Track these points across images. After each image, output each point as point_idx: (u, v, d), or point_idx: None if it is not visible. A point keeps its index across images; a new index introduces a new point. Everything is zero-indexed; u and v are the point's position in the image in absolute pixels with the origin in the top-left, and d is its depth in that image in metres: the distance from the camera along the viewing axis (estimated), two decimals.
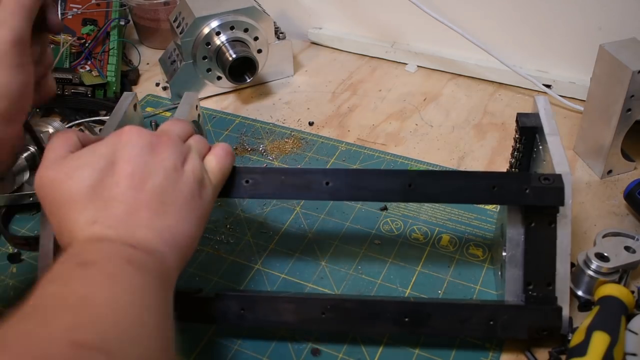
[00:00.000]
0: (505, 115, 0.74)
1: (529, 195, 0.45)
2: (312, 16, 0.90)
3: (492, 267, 0.55)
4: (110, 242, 0.37)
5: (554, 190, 0.45)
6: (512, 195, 0.46)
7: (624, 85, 0.57)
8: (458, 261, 0.55)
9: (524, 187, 0.45)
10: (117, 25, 0.83)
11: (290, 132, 0.73)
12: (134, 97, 0.59)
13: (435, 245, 0.57)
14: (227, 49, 0.74)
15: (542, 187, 0.45)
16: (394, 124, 0.74)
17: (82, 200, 0.38)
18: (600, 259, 0.50)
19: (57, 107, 0.76)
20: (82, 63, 0.77)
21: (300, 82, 0.83)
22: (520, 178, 0.47)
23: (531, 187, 0.45)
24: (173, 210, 0.40)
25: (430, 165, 0.66)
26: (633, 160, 0.64)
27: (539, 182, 0.45)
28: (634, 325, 0.46)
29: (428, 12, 0.76)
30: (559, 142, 0.49)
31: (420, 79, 0.83)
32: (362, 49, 0.88)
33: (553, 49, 0.76)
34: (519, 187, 0.46)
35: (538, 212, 0.46)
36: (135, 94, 0.61)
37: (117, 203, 0.38)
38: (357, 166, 0.67)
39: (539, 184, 0.45)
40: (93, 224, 0.37)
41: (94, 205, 0.38)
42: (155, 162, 0.40)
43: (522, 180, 0.46)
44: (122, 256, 0.36)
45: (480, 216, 0.60)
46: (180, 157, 0.42)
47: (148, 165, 0.40)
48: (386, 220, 0.60)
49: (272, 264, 0.56)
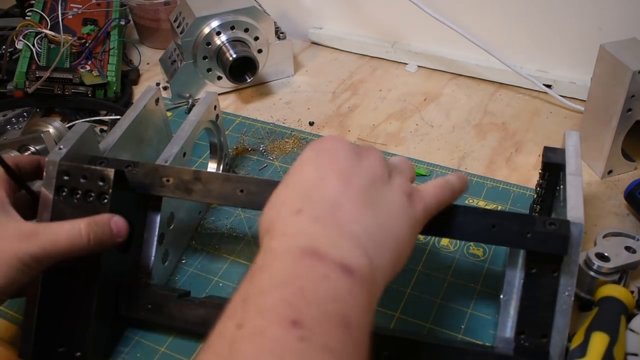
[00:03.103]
0: (505, 116, 0.74)
1: (531, 240, 0.42)
2: (312, 16, 0.90)
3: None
4: (319, 263, 0.33)
5: (558, 237, 0.41)
6: (512, 237, 0.42)
7: (624, 85, 0.57)
8: (459, 261, 0.55)
9: (525, 231, 0.42)
10: (117, 25, 0.83)
11: (290, 132, 0.72)
12: (156, 92, 0.59)
13: (435, 244, 0.57)
14: (228, 49, 0.74)
15: (545, 233, 0.41)
16: (395, 124, 0.74)
17: (284, 190, 0.38)
18: (600, 259, 0.50)
19: (58, 107, 0.76)
20: (82, 63, 0.77)
21: (300, 82, 0.83)
22: (523, 219, 0.43)
23: (533, 231, 0.42)
24: (383, 210, 0.37)
25: (431, 166, 0.66)
26: (633, 161, 0.64)
27: (543, 227, 0.42)
28: (634, 325, 0.46)
29: (428, 12, 0.76)
30: (580, 185, 0.45)
31: (420, 79, 0.83)
32: (362, 49, 0.88)
33: (553, 49, 0.76)
34: (521, 229, 0.42)
35: (541, 259, 0.42)
36: (158, 88, 0.61)
37: (323, 196, 0.36)
38: None
39: (542, 229, 0.42)
40: (298, 213, 0.35)
41: (298, 194, 0.37)
42: (361, 166, 0.39)
43: (524, 223, 0.42)
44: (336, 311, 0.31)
45: None
46: (386, 169, 0.40)
47: (354, 167, 0.38)
48: None
49: None
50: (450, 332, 0.49)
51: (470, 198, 0.61)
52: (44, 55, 0.76)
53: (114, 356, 0.49)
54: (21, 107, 0.76)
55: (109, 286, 0.48)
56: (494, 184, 0.63)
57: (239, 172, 0.67)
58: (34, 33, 0.78)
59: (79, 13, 0.84)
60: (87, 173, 0.47)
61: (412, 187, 0.41)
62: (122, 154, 0.55)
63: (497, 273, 0.54)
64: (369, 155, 0.40)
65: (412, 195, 0.40)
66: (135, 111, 0.57)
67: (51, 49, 0.77)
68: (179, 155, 0.54)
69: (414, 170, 0.44)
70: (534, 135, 0.71)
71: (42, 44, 0.77)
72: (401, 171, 0.41)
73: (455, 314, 0.51)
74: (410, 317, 0.50)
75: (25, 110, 0.77)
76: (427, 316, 0.51)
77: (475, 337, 0.49)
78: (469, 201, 0.61)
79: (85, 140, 0.50)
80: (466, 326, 0.50)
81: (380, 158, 0.40)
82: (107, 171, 0.46)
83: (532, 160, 0.67)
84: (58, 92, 0.74)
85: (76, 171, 0.47)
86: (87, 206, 0.46)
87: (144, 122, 0.59)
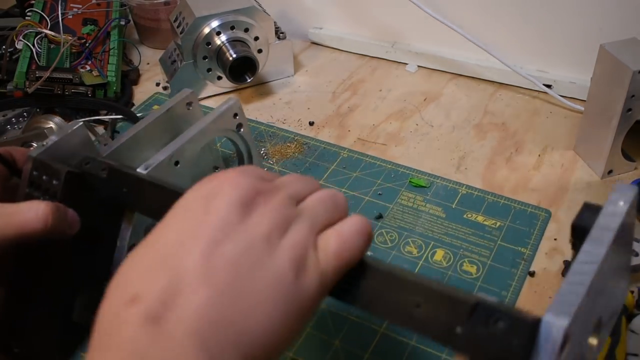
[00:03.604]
0: (505, 115, 0.74)
1: (460, 339, 0.28)
2: (312, 16, 0.90)
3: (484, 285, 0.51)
4: None
5: (505, 345, 0.26)
6: (436, 328, 0.29)
7: (624, 85, 0.57)
8: (450, 277, 0.54)
9: (454, 323, 0.28)
10: (117, 25, 0.83)
11: (293, 137, 0.72)
12: (188, 95, 0.54)
13: (428, 259, 0.55)
14: (228, 49, 0.74)
15: (482, 334, 0.27)
16: (394, 124, 0.74)
17: (137, 254, 0.31)
18: None
19: (58, 107, 0.76)
20: (82, 63, 0.77)
21: (300, 82, 0.83)
22: (459, 304, 0.29)
23: (466, 326, 0.28)
24: (248, 292, 0.28)
25: (431, 177, 0.65)
26: (633, 161, 0.64)
27: (484, 322, 0.27)
28: (635, 326, 0.46)
29: (428, 12, 0.76)
30: (590, 275, 0.28)
31: (420, 79, 0.83)
32: (362, 49, 0.88)
33: (553, 48, 0.76)
34: (448, 320, 0.29)
35: None
36: (192, 91, 0.56)
37: (172, 271, 0.29)
38: (357, 174, 0.66)
39: (481, 326, 0.27)
40: (131, 304, 0.28)
41: (146, 266, 0.30)
42: (244, 224, 0.30)
43: (458, 310, 0.28)
44: None
45: (477, 231, 0.58)
46: (282, 224, 0.31)
47: (232, 226, 0.30)
48: (381, 231, 0.59)
49: None
50: (434, 351, 0.48)
51: (469, 212, 0.60)
52: (44, 55, 0.76)
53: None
54: (21, 107, 0.76)
55: (67, 290, 0.47)
56: (494, 198, 0.61)
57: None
58: (34, 33, 0.78)
59: (79, 13, 0.84)
60: (48, 171, 0.46)
61: (311, 246, 0.31)
62: (139, 156, 0.52)
63: (489, 292, 0.52)
64: (266, 203, 0.31)
65: (305, 262, 0.31)
66: (154, 115, 0.52)
67: (51, 49, 0.77)
68: (166, 163, 0.49)
69: (341, 207, 0.34)
70: (534, 135, 0.71)
71: (42, 44, 0.77)
72: (312, 217, 0.33)
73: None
74: (393, 333, 0.49)
75: (25, 110, 0.77)
76: (410, 335, 0.49)
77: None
78: (468, 215, 0.60)
79: (76, 138, 0.49)
80: (448, 354, 0.48)
81: (279, 207, 0.32)
82: (60, 171, 0.45)
83: (532, 160, 0.67)
84: (58, 92, 0.74)
85: (42, 168, 0.46)
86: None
87: (168, 126, 0.54)
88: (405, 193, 0.63)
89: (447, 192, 0.63)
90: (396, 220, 0.60)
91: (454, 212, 0.60)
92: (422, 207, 0.61)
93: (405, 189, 0.63)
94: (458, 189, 0.63)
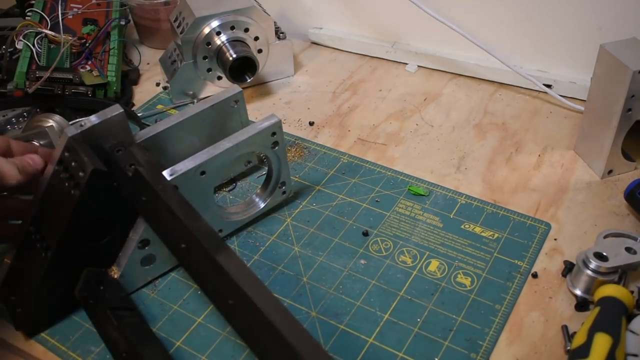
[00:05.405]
0: (505, 115, 0.74)
1: None
2: (312, 16, 0.90)
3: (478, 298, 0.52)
4: None
5: None
6: None
7: (624, 85, 0.57)
8: (444, 289, 0.53)
9: None
10: (117, 25, 0.83)
11: (294, 140, 0.71)
12: (237, 93, 0.54)
13: (422, 270, 0.55)
14: (228, 49, 0.74)
15: None
16: (395, 123, 0.74)
17: None
18: (599, 258, 0.50)
19: (58, 107, 0.76)
20: (82, 63, 0.77)
21: (300, 82, 0.83)
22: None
23: None
24: None
25: (431, 186, 0.64)
26: (633, 160, 0.64)
27: None
28: (634, 326, 0.46)
29: (428, 12, 0.76)
30: None
31: (420, 79, 0.82)
32: (362, 49, 0.88)
33: (553, 48, 0.76)
34: None
35: None
36: (241, 90, 0.56)
37: None
38: (356, 180, 0.65)
39: None
40: None
41: None
42: None
43: None
44: None
45: (474, 243, 0.57)
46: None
47: None
48: (376, 239, 0.58)
49: None
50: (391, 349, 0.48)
51: (467, 223, 0.59)
52: (44, 55, 0.76)
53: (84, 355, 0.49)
54: (21, 107, 0.76)
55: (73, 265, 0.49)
56: (494, 209, 0.61)
57: (236, 178, 0.66)
58: (34, 33, 0.78)
59: (79, 13, 0.84)
60: (77, 159, 0.47)
61: None
62: (173, 147, 0.52)
63: (481, 305, 0.52)
64: None
65: None
66: (198, 107, 0.51)
67: (51, 49, 0.77)
68: (192, 173, 0.49)
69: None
70: (534, 135, 0.71)
71: (42, 44, 0.77)
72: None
73: (430, 345, 0.49)
74: (384, 345, 0.49)
75: (25, 110, 0.77)
76: (402, 344, 0.49)
77: None
78: (465, 226, 0.59)
79: (114, 123, 0.49)
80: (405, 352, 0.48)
81: None
82: (87, 164, 0.46)
83: (532, 160, 0.67)
84: (58, 92, 0.74)
85: (74, 153, 0.47)
86: (64, 188, 0.47)
87: (210, 121, 0.54)
88: (404, 201, 0.62)
89: (446, 201, 0.62)
90: (392, 229, 0.59)
91: (451, 222, 0.60)
92: (419, 216, 0.60)
93: (404, 197, 0.63)
94: (457, 199, 0.62)
